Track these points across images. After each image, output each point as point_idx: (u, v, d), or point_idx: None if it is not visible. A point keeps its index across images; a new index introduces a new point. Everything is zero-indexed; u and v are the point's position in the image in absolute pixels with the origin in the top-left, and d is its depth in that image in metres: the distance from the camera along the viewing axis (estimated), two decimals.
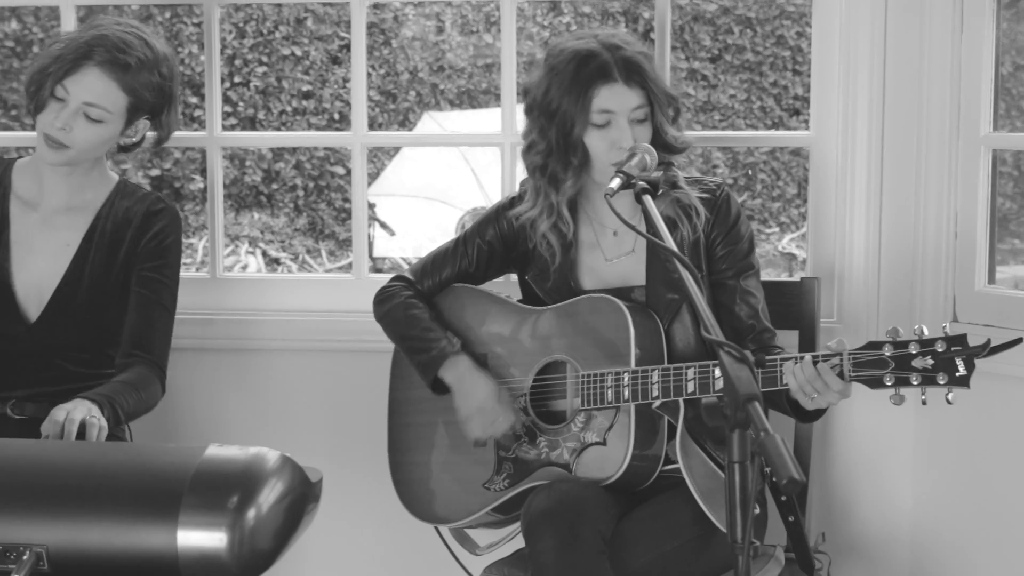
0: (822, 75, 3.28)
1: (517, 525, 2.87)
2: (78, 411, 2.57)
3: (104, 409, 2.66)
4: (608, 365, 2.69)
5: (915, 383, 2.39)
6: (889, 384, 2.42)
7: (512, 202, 2.92)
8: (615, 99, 2.72)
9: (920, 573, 3.30)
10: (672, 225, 2.75)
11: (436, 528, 2.95)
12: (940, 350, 2.38)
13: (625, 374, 2.65)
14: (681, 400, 2.63)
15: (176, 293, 3.02)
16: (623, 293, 2.80)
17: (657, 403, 2.63)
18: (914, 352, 2.40)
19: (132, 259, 2.95)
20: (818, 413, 2.61)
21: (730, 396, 1.95)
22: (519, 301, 2.92)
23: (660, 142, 2.77)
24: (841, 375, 2.45)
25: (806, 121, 3.73)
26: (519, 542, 2.79)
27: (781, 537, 2.87)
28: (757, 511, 2.68)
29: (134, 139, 3.01)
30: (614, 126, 2.73)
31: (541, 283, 2.87)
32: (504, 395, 2.80)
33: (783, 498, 2.77)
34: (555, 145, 2.77)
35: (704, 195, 2.81)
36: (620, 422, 2.68)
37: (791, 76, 11.02)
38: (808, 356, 2.49)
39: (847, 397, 2.51)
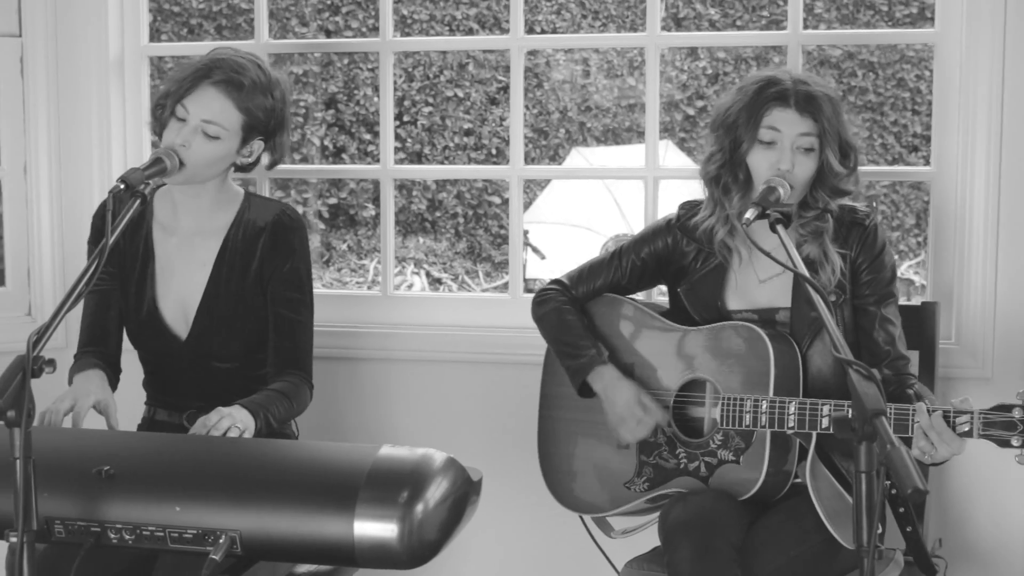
0: (943, 115, 3.21)
1: (651, 517, 2.85)
2: (226, 420, 2.53)
3: (258, 418, 2.64)
4: (748, 390, 2.64)
5: None
6: (1016, 445, 2.36)
7: (668, 225, 2.88)
8: (784, 121, 2.67)
9: None
10: (813, 268, 2.69)
11: (581, 518, 2.94)
12: None
13: (764, 402, 2.60)
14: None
15: (311, 301, 2.92)
16: (768, 314, 2.76)
17: (791, 432, 2.59)
18: None
19: (266, 270, 2.87)
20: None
21: (858, 411, 1.91)
22: (666, 312, 2.89)
23: (827, 183, 2.71)
24: (970, 433, 2.38)
25: (924, 157, 3.66)
26: (652, 532, 2.77)
27: (900, 541, 2.80)
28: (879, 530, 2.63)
29: (250, 159, 2.89)
30: (777, 148, 2.67)
31: (691, 297, 2.83)
32: (646, 398, 2.76)
33: (901, 510, 2.70)
34: (728, 158, 2.75)
35: (854, 223, 2.75)
36: (756, 445, 2.64)
37: (910, 116, 10.79)
38: (923, 405, 2.44)
39: (958, 454, 2.43)
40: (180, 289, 2.89)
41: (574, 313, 2.89)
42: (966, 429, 2.39)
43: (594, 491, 2.88)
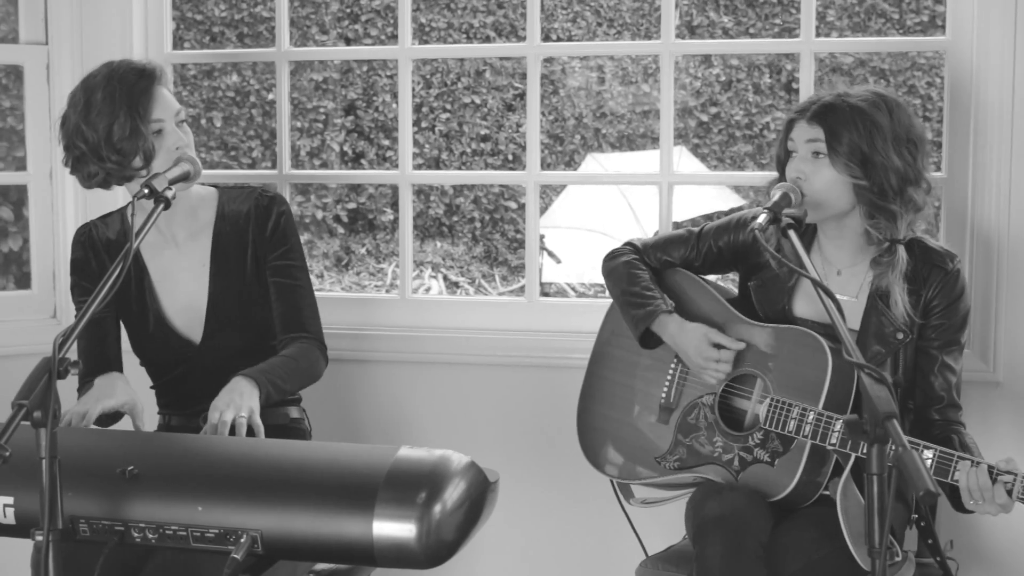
0: (954, 122, 3.21)
1: (674, 493, 2.84)
2: (228, 412, 2.52)
3: (261, 386, 2.63)
4: (798, 397, 2.61)
5: None
6: None
7: (756, 215, 2.87)
8: (797, 131, 2.67)
9: None
10: (884, 298, 2.67)
11: (612, 482, 2.92)
12: None
13: (811, 413, 2.57)
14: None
15: (306, 266, 2.94)
16: (831, 330, 2.69)
17: (831, 448, 2.56)
18: None
19: (259, 251, 2.88)
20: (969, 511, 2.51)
21: (870, 414, 1.91)
22: (731, 300, 2.86)
23: (862, 199, 2.64)
24: (1009, 494, 2.37)
25: (936, 163, 3.64)
26: (668, 510, 2.75)
27: (911, 543, 2.80)
28: (899, 558, 2.61)
29: None
30: (794, 158, 2.67)
31: (760, 295, 2.81)
32: (715, 335, 2.73)
33: (922, 524, 2.68)
34: (781, 169, 2.74)
35: (935, 265, 2.70)
36: (793, 452, 2.61)
37: (921, 122, 10.76)
38: (985, 464, 2.41)
39: (1007, 513, 2.41)
40: (186, 296, 2.89)
41: (643, 268, 2.89)
42: (1007, 490, 2.37)
43: (624, 457, 2.87)
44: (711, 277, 2.98)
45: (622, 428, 2.89)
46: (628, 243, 2.96)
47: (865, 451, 2.44)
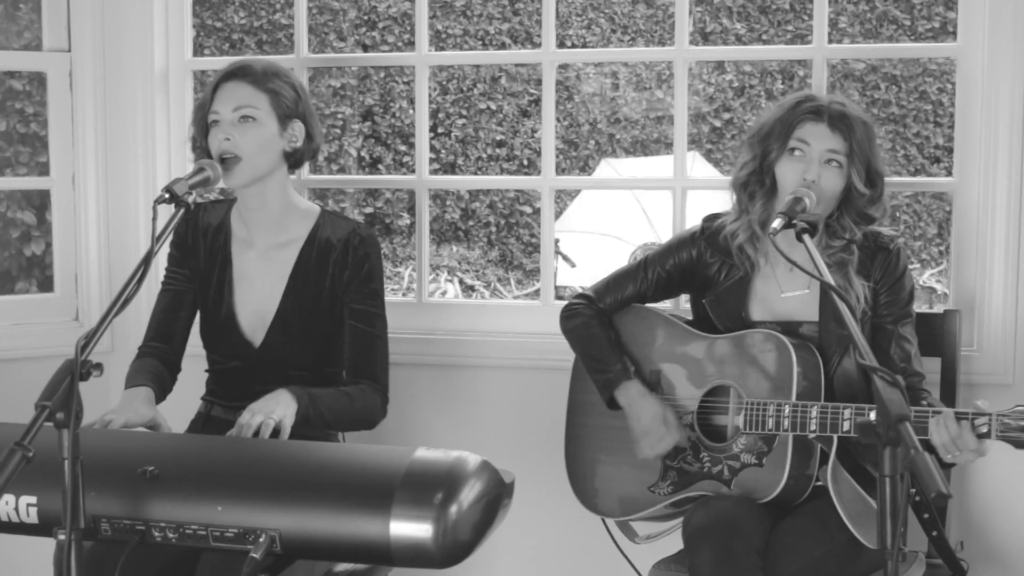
0: (964, 127, 3.20)
1: (675, 522, 2.84)
2: (258, 416, 2.53)
3: (301, 401, 2.63)
4: (771, 395, 2.64)
5: None
6: None
7: (693, 237, 2.88)
8: (814, 134, 2.67)
9: None
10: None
11: (603, 521, 2.93)
12: None
13: (786, 406, 2.59)
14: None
15: (385, 316, 2.94)
16: (791, 327, 2.75)
17: (813, 436, 2.58)
18: None
19: (337, 286, 2.88)
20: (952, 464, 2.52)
21: (883, 416, 1.91)
22: (689, 322, 2.89)
23: (853, 206, 2.70)
24: (988, 434, 2.38)
25: (947, 168, 3.64)
26: (675, 537, 2.76)
27: (922, 543, 2.79)
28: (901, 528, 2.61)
29: (297, 143, 2.87)
30: (805, 159, 2.67)
31: (717, 308, 2.83)
32: (670, 416, 2.77)
33: (926, 516, 2.68)
34: (757, 165, 2.75)
35: (879, 247, 2.75)
36: (778, 449, 2.63)
37: (932, 127, 10.74)
38: (951, 411, 2.42)
39: (983, 456, 2.42)
40: (258, 299, 2.91)
41: (600, 327, 2.89)
42: (984, 431, 2.38)
43: (619, 495, 2.88)
44: (668, 304, 3.00)
45: (612, 469, 2.90)
46: (581, 295, 2.96)
47: (846, 430, 2.48)
